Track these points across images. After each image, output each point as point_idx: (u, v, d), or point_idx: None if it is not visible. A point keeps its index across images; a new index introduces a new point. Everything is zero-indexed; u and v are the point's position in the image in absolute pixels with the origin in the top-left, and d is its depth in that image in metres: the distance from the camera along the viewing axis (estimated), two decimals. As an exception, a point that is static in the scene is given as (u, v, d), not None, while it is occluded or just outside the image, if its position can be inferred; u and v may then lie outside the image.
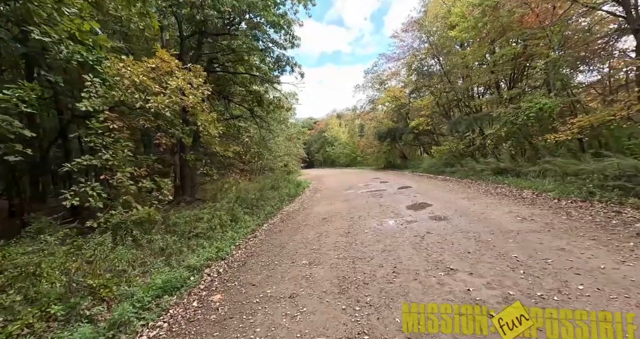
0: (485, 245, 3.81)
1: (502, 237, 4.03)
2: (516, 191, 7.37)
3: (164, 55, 6.13)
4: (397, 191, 9.90)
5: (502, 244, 3.76)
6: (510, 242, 3.80)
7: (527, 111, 9.83)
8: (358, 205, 8.07)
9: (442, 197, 7.77)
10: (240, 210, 8.09)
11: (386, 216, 6.24)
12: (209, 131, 7.13)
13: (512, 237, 4.01)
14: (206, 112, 7.09)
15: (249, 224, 7.03)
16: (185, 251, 5.09)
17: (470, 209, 5.97)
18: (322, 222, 6.50)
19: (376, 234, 4.95)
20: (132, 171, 5.82)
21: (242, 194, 9.52)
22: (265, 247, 5.03)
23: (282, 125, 25.49)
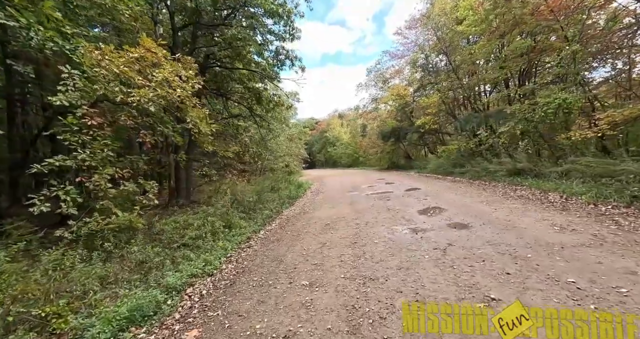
0: (526, 263, 3.11)
1: (545, 253, 3.32)
2: (539, 193, 6.65)
3: (148, 44, 5.48)
4: (405, 193, 9.20)
5: (548, 263, 3.06)
6: (557, 261, 3.10)
7: (545, 107, 9.11)
8: (364, 209, 7.39)
9: (456, 201, 7.06)
10: (236, 214, 7.43)
11: (397, 223, 5.55)
12: (200, 129, 6.47)
13: (556, 253, 3.31)
14: (197, 108, 6.43)
15: (244, 231, 6.37)
16: (169, 264, 4.42)
17: (492, 216, 5.26)
18: (325, 229, 5.82)
19: (388, 245, 4.27)
20: (113, 173, 5.18)
21: (239, 197, 8.86)
22: (259, 261, 4.35)
23: (283, 125, 24.98)
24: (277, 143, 21.26)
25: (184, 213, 7.95)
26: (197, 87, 6.35)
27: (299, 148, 31.61)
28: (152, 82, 5.52)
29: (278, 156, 22.75)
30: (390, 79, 25.23)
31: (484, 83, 14.59)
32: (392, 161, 24.21)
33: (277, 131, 19.99)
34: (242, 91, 13.14)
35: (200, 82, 6.58)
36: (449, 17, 14.74)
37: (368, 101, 26.90)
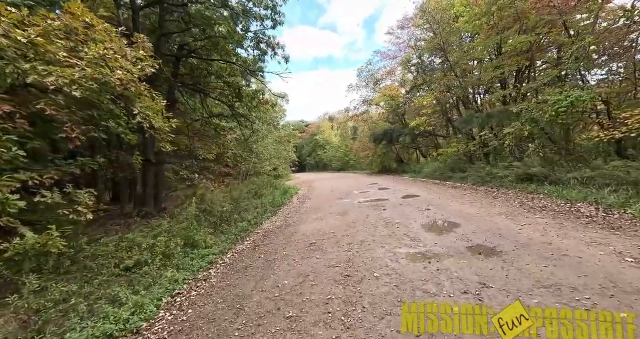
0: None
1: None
2: (565, 204, 5.61)
3: (74, 7, 4.15)
4: (403, 202, 8.06)
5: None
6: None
7: (557, 106, 8.18)
8: (357, 221, 6.19)
9: (467, 213, 5.94)
10: (202, 229, 6.10)
11: (400, 243, 4.36)
12: (154, 124, 5.14)
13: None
14: (148, 98, 5.11)
15: (208, 252, 5.06)
16: (83, 310, 3.08)
17: (523, 235, 4.13)
18: (309, 250, 4.57)
19: (393, 283, 3.06)
20: (26, 179, 3.84)
21: (210, 206, 7.51)
22: (211, 308, 3.05)
23: (270, 127, 23.73)
24: (264, 146, 19.96)
25: (146, 226, 6.60)
26: (149, 71, 5.03)
27: (288, 151, 30.36)
28: (83, 60, 4.19)
29: (265, 159, 21.47)
30: (381, 81, 24.36)
31: (481, 83, 13.77)
32: (384, 164, 23.21)
33: (263, 133, 18.71)
34: (222, 87, 11.86)
35: (156, 65, 5.24)
36: (446, 12, 13.93)
37: (359, 102, 25.90)
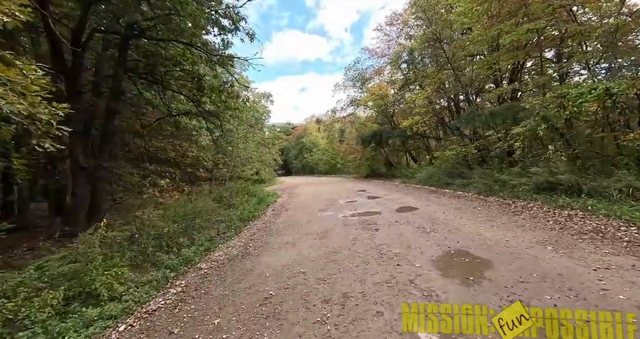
0: None
1: None
2: (623, 226, 4.08)
3: None
4: (399, 217, 6.39)
5: None
6: None
7: (580, 99, 6.77)
8: (339, 250, 4.45)
9: (491, 239, 4.30)
10: (120, 262, 4.18)
11: (406, 297, 2.65)
12: (18, 108, 3.22)
13: None
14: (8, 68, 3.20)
15: (99, 314, 3.16)
16: None
17: (607, 290, 2.51)
18: (258, 318, 2.77)
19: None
20: None
21: (141, 226, 5.56)
22: None
23: (254, 128, 21.83)
24: (243, 148, 18.00)
25: (52, 254, 4.68)
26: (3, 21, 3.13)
27: (272, 154, 28.39)
28: None
29: (245, 163, 19.50)
30: (369, 80, 22.94)
31: (477, 80, 12.45)
32: (372, 168, 21.68)
33: (239, 133, 16.76)
34: (182, 77, 9.94)
35: (20, 13, 3.33)
36: (439, 1, 12.60)
37: (346, 102, 24.32)
